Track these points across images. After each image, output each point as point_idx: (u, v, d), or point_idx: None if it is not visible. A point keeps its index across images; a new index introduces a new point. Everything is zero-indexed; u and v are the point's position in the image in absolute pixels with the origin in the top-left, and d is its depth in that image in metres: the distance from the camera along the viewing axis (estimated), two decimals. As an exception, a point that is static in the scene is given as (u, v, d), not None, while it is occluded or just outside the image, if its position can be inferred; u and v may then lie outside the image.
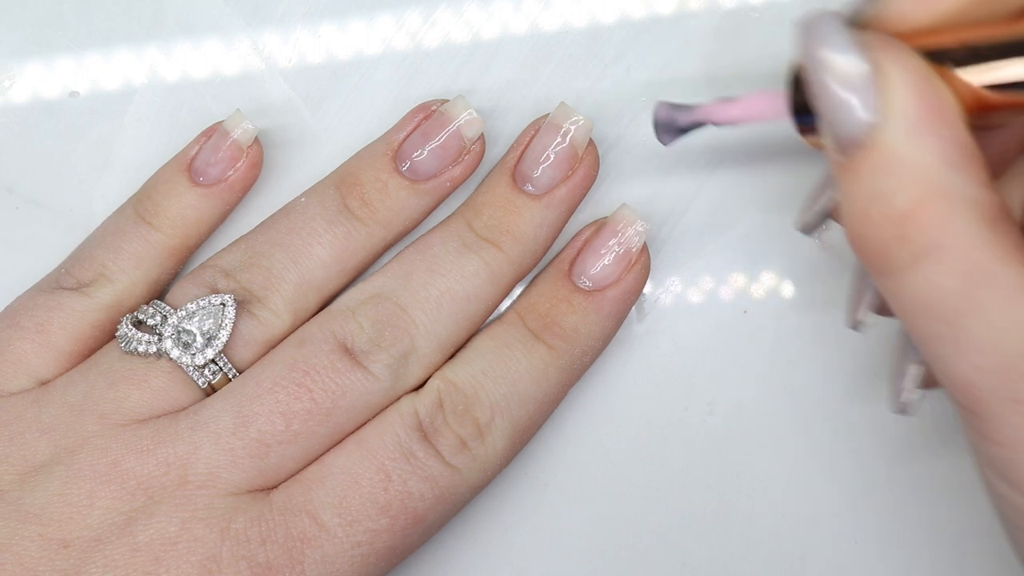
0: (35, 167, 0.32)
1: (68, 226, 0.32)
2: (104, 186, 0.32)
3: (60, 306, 0.30)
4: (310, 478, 0.29)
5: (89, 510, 0.28)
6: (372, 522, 0.29)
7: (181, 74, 0.32)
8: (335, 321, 0.30)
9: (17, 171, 0.32)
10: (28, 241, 0.32)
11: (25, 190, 0.32)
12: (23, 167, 0.32)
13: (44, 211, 0.32)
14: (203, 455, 0.28)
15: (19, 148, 0.32)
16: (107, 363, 0.29)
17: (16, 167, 0.32)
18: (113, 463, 0.28)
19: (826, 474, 0.33)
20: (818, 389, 0.32)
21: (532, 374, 0.30)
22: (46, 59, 0.32)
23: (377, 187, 0.31)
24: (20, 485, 0.28)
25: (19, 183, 0.33)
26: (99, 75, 0.32)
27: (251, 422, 0.28)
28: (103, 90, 0.32)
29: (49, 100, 0.33)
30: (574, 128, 0.30)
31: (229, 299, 0.29)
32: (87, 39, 0.32)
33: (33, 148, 0.32)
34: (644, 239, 0.31)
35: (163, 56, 0.32)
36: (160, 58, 0.32)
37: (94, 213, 0.32)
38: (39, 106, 0.32)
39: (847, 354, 0.32)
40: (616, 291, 0.31)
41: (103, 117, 0.32)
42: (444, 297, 0.30)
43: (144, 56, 0.32)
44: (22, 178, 0.33)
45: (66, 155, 0.32)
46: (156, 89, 0.32)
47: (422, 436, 0.29)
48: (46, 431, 0.29)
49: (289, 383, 0.29)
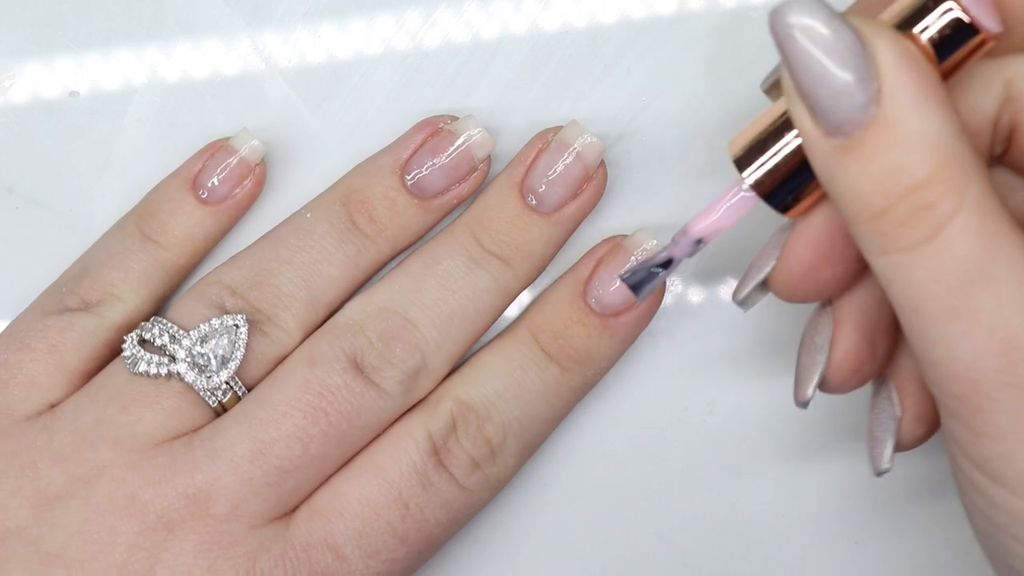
0: (35, 167, 0.32)
1: (68, 226, 0.32)
2: (104, 186, 0.32)
3: (72, 326, 0.29)
4: (329, 509, 0.29)
5: (111, 548, 0.27)
6: (391, 552, 0.29)
7: (181, 74, 0.33)
8: (344, 337, 0.29)
9: (17, 171, 0.32)
10: (28, 241, 0.32)
11: (25, 190, 0.32)
12: (23, 167, 0.32)
13: (44, 211, 0.32)
14: (223, 486, 0.28)
15: (19, 148, 0.32)
16: (116, 385, 0.29)
17: (16, 167, 0.32)
18: (131, 496, 0.27)
19: (826, 474, 0.33)
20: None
21: (545, 395, 0.30)
22: (46, 59, 0.32)
23: (386, 205, 0.30)
24: (37, 521, 0.27)
25: (19, 183, 0.33)
26: (99, 75, 0.32)
27: (269, 449, 0.28)
28: (103, 90, 0.32)
29: (49, 100, 0.33)
30: (585, 146, 0.30)
31: (242, 320, 0.29)
32: (87, 39, 0.32)
33: (33, 148, 0.32)
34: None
35: (163, 56, 0.32)
36: (160, 58, 0.32)
37: (94, 213, 0.32)
38: (39, 106, 0.32)
39: (847, 354, 0.32)
40: (630, 316, 0.31)
41: (103, 117, 0.32)
42: (455, 314, 0.30)
43: (144, 56, 0.32)
44: (22, 178, 0.33)
45: (66, 155, 0.32)
46: (156, 89, 0.32)
47: (437, 462, 0.29)
48: (58, 460, 0.28)
49: (305, 406, 0.28)
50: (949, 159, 0.20)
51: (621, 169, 0.33)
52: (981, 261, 0.20)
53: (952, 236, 0.20)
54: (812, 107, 0.21)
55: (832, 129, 0.21)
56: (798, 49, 0.21)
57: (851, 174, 0.21)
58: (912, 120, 0.20)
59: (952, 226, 0.20)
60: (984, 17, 0.21)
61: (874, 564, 0.33)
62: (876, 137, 0.20)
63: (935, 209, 0.20)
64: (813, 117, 0.21)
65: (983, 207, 0.20)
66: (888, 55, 0.20)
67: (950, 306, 0.21)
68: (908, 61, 0.20)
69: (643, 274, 0.27)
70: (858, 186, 0.21)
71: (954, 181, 0.20)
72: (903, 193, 0.20)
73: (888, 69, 0.20)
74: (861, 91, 0.20)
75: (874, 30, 0.21)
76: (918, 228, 0.20)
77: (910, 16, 0.21)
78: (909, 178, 0.20)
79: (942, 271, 0.20)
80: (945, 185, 0.20)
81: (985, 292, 0.20)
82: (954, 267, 0.20)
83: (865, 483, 0.33)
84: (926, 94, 0.20)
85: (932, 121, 0.20)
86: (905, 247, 0.21)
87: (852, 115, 0.20)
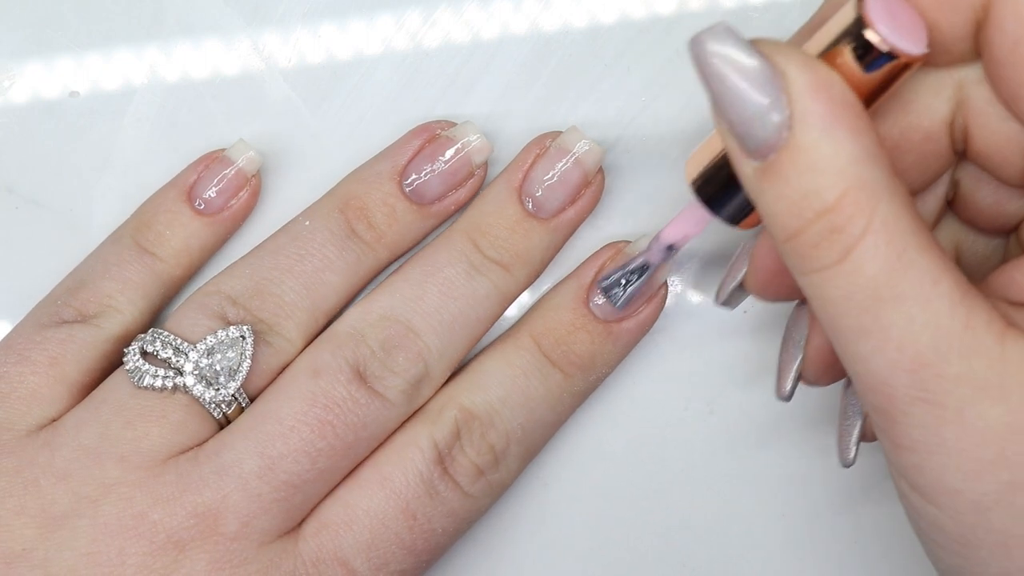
0: (35, 167, 0.32)
1: (68, 226, 0.32)
2: (104, 186, 0.32)
3: (72, 339, 0.29)
4: (337, 522, 0.28)
5: (121, 569, 0.27)
6: (399, 563, 0.29)
7: (181, 74, 0.32)
8: (346, 347, 0.29)
9: (17, 171, 0.32)
10: (28, 241, 0.32)
11: (25, 190, 0.32)
12: (23, 167, 0.32)
13: (44, 211, 0.32)
14: (232, 503, 0.27)
15: (19, 148, 0.32)
16: (119, 399, 0.28)
17: (16, 167, 0.32)
18: (140, 515, 0.27)
19: (826, 474, 0.33)
20: (818, 388, 0.32)
21: (548, 401, 0.30)
22: (46, 59, 0.32)
23: (385, 211, 0.30)
24: (44, 542, 0.27)
25: (19, 183, 0.33)
26: (99, 75, 0.32)
27: (277, 464, 0.28)
28: (103, 90, 0.32)
29: (49, 100, 0.33)
30: (584, 152, 0.30)
31: (248, 331, 0.29)
32: (87, 39, 0.32)
33: (33, 148, 0.32)
34: (666, 275, 0.31)
35: (163, 56, 0.32)
36: (160, 58, 0.32)
37: (94, 213, 0.32)
38: (39, 106, 0.32)
39: (847, 354, 0.32)
40: (633, 323, 0.31)
41: (103, 117, 0.32)
42: (457, 321, 0.30)
43: (144, 56, 0.32)
44: (22, 178, 0.33)
45: (66, 155, 0.32)
46: (156, 89, 0.32)
47: (443, 471, 0.29)
48: (62, 477, 0.27)
49: (312, 420, 0.28)
50: (859, 183, 0.20)
51: (621, 169, 0.33)
52: (889, 281, 0.21)
53: (860, 258, 0.21)
54: (732, 130, 0.21)
55: (751, 152, 0.21)
56: (716, 75, 0.21)
57: (769, 196, 0.21)
58: (822, 145, 0.21)
59: (860, 248, 0.21)
60: (904, 42, 0.21)
61: (874, 564, 0.33)
62: (789, 161, 0.21)
63: (844, 232, 0.21)
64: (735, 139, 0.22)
65: (891, 228, 0.21)
66: (799, 82, 0.21)
67: (862, 324, 0.21)
68: (819, 87, 0.21)
69: (620, 279, 0.29)
70: (775, 208, 0.21)
71: (862, 204, 0.21)
72: (813, 217, 0.21)
73: (799, 95, 0.21)
74: (775, 116, 0.21)
75: (787, 57, 0.21)
76: (829, 250, 0.21)
77: (834, 40, 0.22)
78: (820, 202, 0.21)
79: (853, 291, 0.21)
80: (853, 208, 0.21)
81: (894, 310, 0.21)
82: (864, 287, 0.21)
83: (866, 483, 0.33)
84: (837, 119, 0.21)
85: (842, 146, 0.21)
86: (818, 268, 0.21)
87: (767, 139, 0.21)
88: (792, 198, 0.21)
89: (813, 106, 0.21)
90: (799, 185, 0.21)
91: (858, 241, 0.21)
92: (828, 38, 0.22)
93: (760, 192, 0.22)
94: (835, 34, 0.22)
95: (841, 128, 0.21)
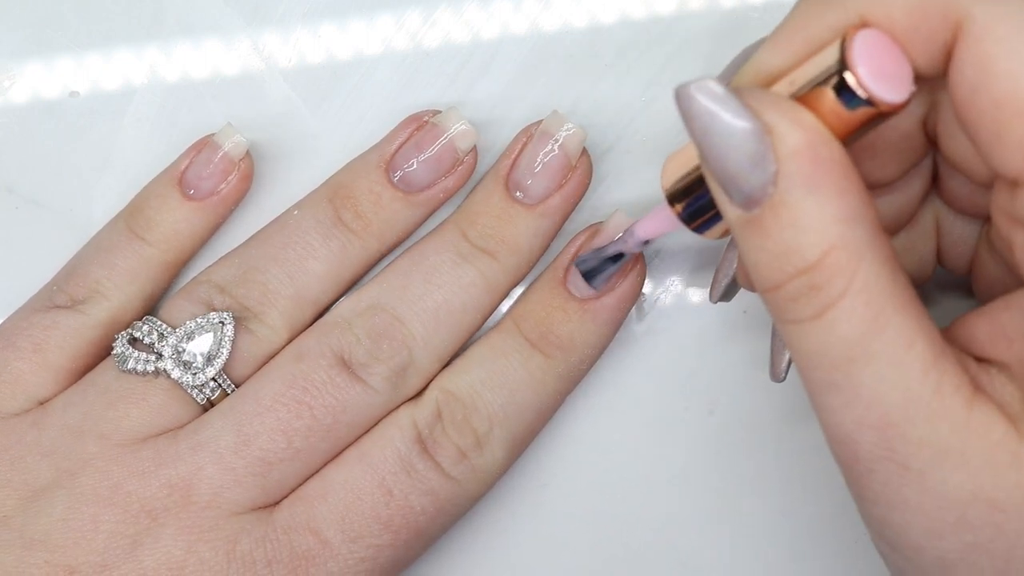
0: (35, 167, 0.32)
1: (68, 226, 0.32)
2: (104, 186, 0.32)
3: (56, 325, 0.30)
4: (312, 494, 0.29)
5: (94, 534, 0.28)
6: (375, 538, 0.29)
7: (181, 74, 0.33)
8: (332, 334, 0.30)
9: (17, 171, 0.33)
10: (28, 241, 0.32)
11: (25, 190, 0.33)
12: (23, 167, 0.32)
13: (44, 211, 0.32)
14: (206, 475, 0.28)
15: (19, 148, 0.32)
16: (104, 382, 0.29)
17: (16, 167, 0.32)
18: (115, 486, 0.28)
19: (826, 474, 0.33)
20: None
21: (530, 383, 0.30)
22: (46, 59, 0.32)
23: (371, 199, 0.31)
24: (23, 511, 0.28)
25: (19, 183, 0.33)
26: (99, 75, 0.32)
27: (252, 440, 0.28)
28: (103, 90, 0.32)
29: (49, 100, 0.33)
30: (566, 136, 0.30)
31: (228, 316, 0.29)
32: (87, 39, 0.32)
33: (33, 148, 0.33)
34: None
35: (163, 56, 0.32)
36: (160, 58, 0.32)
37: (94, 213, 0.32)
38: (39, 106, 0.33)
39: (847, 354, 0.32)
40: (611, 299, 0.31)
41: (103, 117, 0.32)
42: (441, 309, 0.30)
43: (144, 56, 0.32)
44: (22, 178, 0.33)
45: (66, 155, 0.32)
46: (156, 89, 0.32)
47: (422, 449, 0.29)
48: (46, 454, 0.28)
49: (289, 400, 0.29)
50: (841, 243, 0.21)
51: (621, 169, 0.33)
52: (863, 341, 0.21)
53: (837, 317, 0.21)
54: (719, 180, 0.21)
55: (738, 202, 0.21)
56: (702, 130, 0.21)
57: (751, 247, 0.22)
58: (806, 204, 0.21)
59: (838, 308, 0.21)
60: (884, 90, 0.21)
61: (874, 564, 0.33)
62: (772, 217, 0.21)
63: (823, 291, 0.21)
64: (720, 188, 0.22)
65: (871, 289, 0.21)
66: (787, 140, 0.21)
67: (833, 379, 0.21)
68: (807, 145, 0.21)
69: (595, 263, 0.29)
70: (757, 259, 0.22)
71: (843, 265, 0.21)
72: (794, 272, 0.21)
73: (785, 153, 0.21)
74: (760, 171, 0.21)
75: (777, 113, 0.21)
76: (807, 306, 0.21)
77: (815, 80, 0.22)
78: (801, 259, 0.21)
79: (827, 347, 0.21)
80: (833, 269, 0.21)
81: (865, 370, 0.21)
82: (837, 344, 0.21)
83: (865, 483, 0.33)
84: (823, 178, 0.21)
85: (827, 205, 0.21)
86: (795, 320, 0.21)
87: (752, 194, 0.21)
88: (774, 252, 0.21)
89: (799, 165, 0.21)
90: (781, 240, 0.21)
91: (836, 301, 0.21)
92: (808, 77, 0.22)
93: (743, 239, 0.22)
94: (815, 75, 0.22)
95: (826, 187, 0.21)
